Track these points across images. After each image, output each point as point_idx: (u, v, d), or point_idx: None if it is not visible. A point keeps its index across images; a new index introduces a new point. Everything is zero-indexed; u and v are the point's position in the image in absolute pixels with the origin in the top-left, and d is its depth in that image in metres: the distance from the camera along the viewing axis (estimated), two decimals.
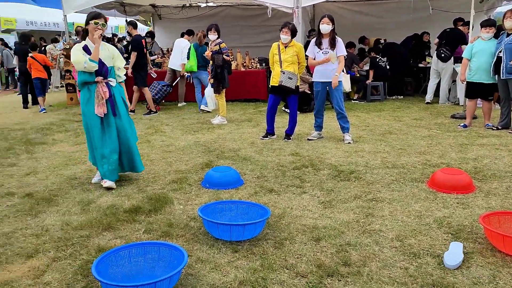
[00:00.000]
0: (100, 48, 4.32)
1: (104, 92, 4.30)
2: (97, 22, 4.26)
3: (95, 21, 4.26)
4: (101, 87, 4.31)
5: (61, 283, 2.67)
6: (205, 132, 7.07)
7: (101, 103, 4.28)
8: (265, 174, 4.77)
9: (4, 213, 3.80)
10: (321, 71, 6.04)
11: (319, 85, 6.11)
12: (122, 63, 4.59)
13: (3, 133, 7.17)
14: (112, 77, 4.44)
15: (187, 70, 8.97)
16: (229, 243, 3.14)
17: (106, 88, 4.33)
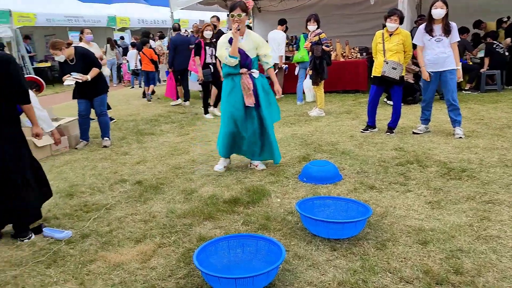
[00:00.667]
0: (243, 39, 4.35)
1: (249, 83, 4.38)
2: (232, 14, 4.24)
3: (230, 13, 4.27)
4: (245, 78, 4.38)
5: (165, 269, 2.80)
6: (302, 124, 6.99)
7: (249, 93, 4.38)
8: (365, 169, 4.56)
9: (117, 199, 4.11)
10: (433, 60, 5.57)
11: (431, 76, 5.65)
12: (268, 50, 4.53)
13: (118, 124, 7.81)
14: (255, 68, 4.47)
15: (297, 61, 8.91)
16: (327, 241, 3.05)
17: (250, 80, 4.40)
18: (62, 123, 6.32)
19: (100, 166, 5.24)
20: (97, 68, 5.93)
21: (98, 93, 6.10)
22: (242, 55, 4.38)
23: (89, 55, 5.93)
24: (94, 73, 5.86)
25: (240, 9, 4.22)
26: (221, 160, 4.79)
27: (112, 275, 2.76)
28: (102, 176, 4.84)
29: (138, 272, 2.78)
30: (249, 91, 4.38)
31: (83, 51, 5.92)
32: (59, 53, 5.68)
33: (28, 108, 3.37)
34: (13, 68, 3.21)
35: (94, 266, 2.88)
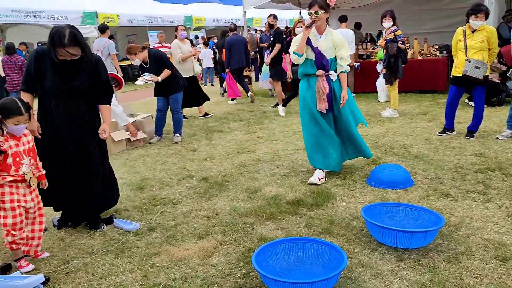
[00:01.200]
0: (321, 38, 4.09)
1: (324, 87, 4.11)
2: (310, 12, 4.01)
3: (308, 11, 4.06)
4: (321, 81, 4.12)
5: (225, 267, 2.81)
6: (374, 125, 6.73)
7: (322, 98, 4.12)
8: (440, 175, 4.28)
9: (184, 194, 4.22)
10: None
11: None
12: (346, 53, 4.16)
13: (190, 121, 8.04)
14: (333, 69, 4.19)
15: (380, 58, 8.69)
16: (394, 250, 2.88)
17: (327, 83, 4.13)
18: (138, 118, 6.62)
19: (170, 161, 5.42)
20: (169, 69, 6.15)
21: (172, 91, 6.35)
22: (317, 54, 4.11)
23: (161, 57, 6.18)
24: (165, 74, 6.12)
25: (318, 6, 3.96)
26: (316, 172, 4.33)
27: (174, 269, 2.82)
28: (171, 171, 5.00)
29: (198, 268, 2.81)
30: (323, 95, 4.12)
31: (156, 53, 6.20)
32: (134, 57, 6.01)
33: (106, 107, 3.47)
34: (102, 68, 3.35)
35: (157, 259, 2.96)
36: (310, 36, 4.09)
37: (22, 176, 2.81)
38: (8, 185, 2.78)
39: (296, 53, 4.08)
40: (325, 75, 4.14)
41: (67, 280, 2.76)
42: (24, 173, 2.81)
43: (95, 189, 3.42)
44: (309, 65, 4.16)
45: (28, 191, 2.89)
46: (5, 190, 2.77)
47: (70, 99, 3.25)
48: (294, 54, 4.10)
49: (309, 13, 4.01)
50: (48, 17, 12.88)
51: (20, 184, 2.84)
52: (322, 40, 4.09)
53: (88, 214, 3.52)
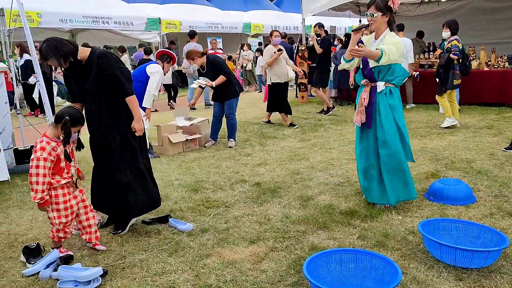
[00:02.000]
0: (375, 43, 3.67)
1: (363, 98, 3.72)
2: (366, 13, 3.66)
3: (366, 13, 3.68)
4: (363, 92, 3.75)
5: (276, 273, 2.81)
6: (434, 137, 6.47)
7: (360, 110, 3.74)
8: (505, 193, 4.03)
9: (236, 198, 4.27)
10: None
11: None
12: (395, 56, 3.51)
13: (244, 126, 8.13)
14: (385, 79, 3.67)
15: None
16: (452, 268, 2.75)
17: (366, 94, 3.71)
18: (195, 122, 6.80)
19: (224, 165, 5.51)
20: (224, 76, 6.27)
21: (227, 97, 6.46)
22: (363, 62, 3.76)
23: (218, 63, 6.34)
24: (219, 80, 6.25)
25: (375, 7, 3.56)
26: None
27: (225, 272, 2.86)
28: (225, 174, 5.08)
29: (249, 273, 2.83)
30: (361, 106, 3.72)
31: (213, 59, 6.36)
32: (192, 62, 6.23)
33: (130, 100, 3.34)
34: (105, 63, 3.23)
35: (209, 261, 3.01)
36: (366, 41, 3.77)
37: (71, 177, 3.02)
38: (61, 187, 2.99)
39: (344, 58, 3.79)
40: (370, 85, 3.73)
41: (123, 275, 2.88)
42: (72, 175, 3.03)
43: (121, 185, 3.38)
44: (359, 73, 3.87)
45: (76, 191, 3.12)
46: (58, 192, 3.01)
47: (91, 101, 3.36)
48: (342, 59, 3.83)
49: (366, 14, 3.69)
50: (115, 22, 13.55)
51: (70, 185, 3.04)
52: (375, 46, 3.66)
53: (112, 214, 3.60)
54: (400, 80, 3.70)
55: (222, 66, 6.33)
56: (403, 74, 3.70)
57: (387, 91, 3.67)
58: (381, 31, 3.66)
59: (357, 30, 3.67)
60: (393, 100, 3.67)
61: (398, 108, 3.70)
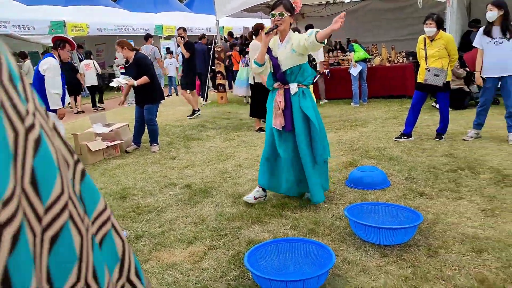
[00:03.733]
0: (282, 45, 3.64)
1: (279, 101, 3.67)
2: (273, 13, 3.54)
3: (271, 12, 3.58)
4: (278, 95, 3.70)
5: (217, 270, 2.88)
6: (348, 130, 6.94)
7: (278, 113, 3.69)
8: (414, 175, 4.48)
9: (168, 202, 4.25)
10: (492, 64, 5.38)
11: (490, 81, 5.49)
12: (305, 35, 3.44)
13: (166, 129, 8.04)
14: (297, 81, 3.67)
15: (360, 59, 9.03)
16: (377, 247, 3.03)
17: (282, 97, 3.67)
18: (114, 128, 6.59)
19: (150, 170, 5.43)
20: (148, 77, 6.13)
21: (147, 101, 6.29)
22: (275, 65, 3.68)
23: (145, 63, 6.18)
24: (142, 81, 6.10)
25: (284, 7, 3.52)
26: (256, 189, 4.04)
27: (165, 274, 2.87)
28: (152, 179, 5.02)
29: (190, 273, 2.87)
30: (278, 110, 3.68)
31: (141, 57, 6.23)
32: (120, 50, 6.09)
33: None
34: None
35: (148, 266, 3.00)
36: (272, 45, 3.72)
37: None
38: None
39: (256, 62, 3.68)
40: (283, 87, 3.70)
41: None
42: None
43: None
44: (270, 76, 3.80)
45: None
46: None
47: None
48: (254, 63, 3.70)
49: (273, 15, 3.54)
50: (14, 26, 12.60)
51: None
52: (282, 48, 3.63)
53: None
54: (309, 80, 3.75)
55: (148, 67, 6.19)
56: (311, 74, 3.77)
57: (300, 92, 3.68)
58: (286, 33, 3.66)
59: (269, 32, 3.60)
60: (306, 101, 3.69)
61: (313, 108, 3.74)
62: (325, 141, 3.82)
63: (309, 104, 3.68)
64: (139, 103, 6.40)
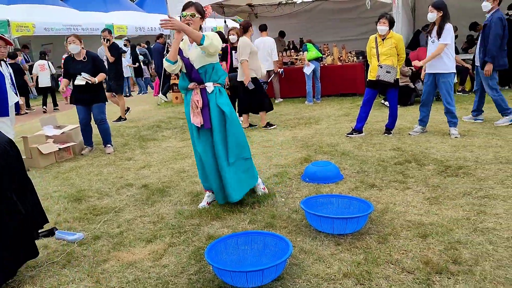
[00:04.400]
0: (192, 46, 3.65)
1: (196, 100, 3.67)
2: (184, 14, 3.55)
3: (182, 13, 3.56)
4: (194, 94, 3.68)
5: (177, 266, 2.92)
6: (302, 127, 7.13)
7: (196, 112, 3.69)
8: (365, 169, 4.70)
9: (125, 202, 4.23)
10: (430, 62, 5.75)
11: (427, 76, 5.85)
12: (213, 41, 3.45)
13: (120, 130, 7.92)
14: (212, 80, 3.71)
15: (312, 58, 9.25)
16: (331, 236, 3.17)
17: (199, 96, 3.67)
18: (66, 130, 6.43)
19: (105, 171, 5.36)
20: (105, 74, 6.13)
21: (98, 100, 6.14)
22: (187, 66, 3.68)
23: (101, 60, 6.21)
24: (101, 78, 6.05)
25: (195, 9, 3.58)
26: (206, 194, 4.02)
27: (126, 273, 2.88)
28: (108, 181, 4.95)
29: (151, 270, 2.89)
30: (196, 109, 3.67)
31: (95, 55, 6.18)
32: (78, 43, 5.87)
33: None
34: None
35: (107, 265, 2.99)
36: (182, 46, 3.69)
37: None
38: None
39: (168, 60, 3.64)
40: (198, 87, 3.70)
41: None
42: None
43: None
44: (183, 77, 3.78)
45: None
46: None
47: None
48: (165, 60, 3.66)
49: (183, 15, 3.56)
50: None
51: None
52: (193, 49, 3.65)
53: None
54: (223, 79, 3.79)
55: (103, 65, 6.18)
56: (224, 74, 3.80)
57: (217, 91, 3.72)
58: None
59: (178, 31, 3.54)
60: (222, 98, 3.74)
61: (229, 106, 3.78)
62: (243, 139, 3.84)
63: (226, 101, 3.76)
64: (84, 103, 6.13)
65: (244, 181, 3.87)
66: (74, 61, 6.03)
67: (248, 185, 3.93)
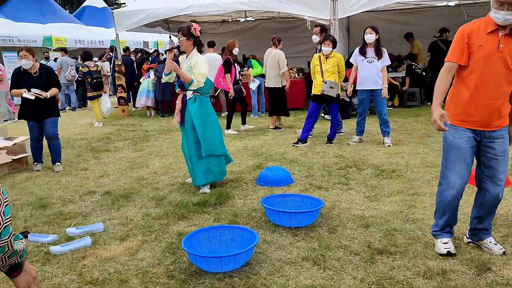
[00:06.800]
0: (186, 60, 4.65)
1: (177, 103, 4.71)
2: (178, 37, 4.65)
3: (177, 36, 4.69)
4: (178, 98, 4.74)
5: (153, 259, 3.22)
6: (251, 138, 7.60)
7: (176, 112, 4.72)
8: (312, 173, 5.23)
9: (91, 207, 4.42)
10: (365, 78, 6.45)
11: (364, 93, 6.54)
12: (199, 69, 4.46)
13: (69, 142, 7.93)
14: (193, 88, 4.56)
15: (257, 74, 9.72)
16: (288, 229, 3.62)
17: (180, 100, 4.70)
18: (18, 141, 6.41)
19: (64, 180, 5.46)
20: (58, 89, 5.90)
21: (51, 114, 5.91)
22: (177, 76, 4.63)
23: (54, 73, 6.02)
24: (53, 92, 5.78)
25: (181, 33, 4.56)
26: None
27: (106, 266, 3.13)
28: (69, 189, 5.08)
29: (129, 263, 3.16)
30: (176, 109, 4.69)
31: (49, 67, 5.99)
32: (31, 58, 5.59)
33: None
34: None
35: (87, 261, 3.22)
36: (180, 59, 4.82)
37: None
38: None
39: (164, 73, 4.70)
40: (182, 93, 4.67)
41: None
42: None
43: None
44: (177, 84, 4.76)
45: None
46: None
47: None
48: (163, 74, 4.73)
49: (178, 38, 4.65)
50: None
51: None
52: (184, 64, 4.65)
53: None
54: (205, 89, 4.67)
55: (57, 79, 6.01)
56: (209, 85, 4.72)
57: (194, 98, 4.60)
58: (189, 51, 4.65)
59: (170, 50, 4.69)
60: (194, 105, 4.59)
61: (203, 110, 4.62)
62: (212, 138, 4.67)
63: (196, 107, 4.60)
64: (36, 119, 5.86)
65: (211, 173, 4.73)
66: (25, 73, 5.73)
67: (214, 177, 4.80)
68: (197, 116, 4.59)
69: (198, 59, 4.55)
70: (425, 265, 2.95)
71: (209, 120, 4.70)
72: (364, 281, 2.78)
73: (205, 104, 4.68)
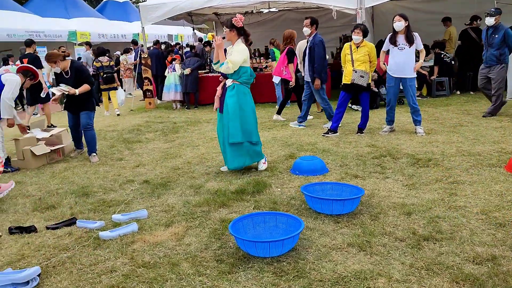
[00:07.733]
0: (230, 50, 4.94)
1: (218, 90, 5.04)
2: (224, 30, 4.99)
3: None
4: (220, 85, 5.07)
5: (200, 243, 3.29)
6: (279, 129, 7.62)
7: (216, 98, 5.06)
8: (346, 163, 5.23)
9: (132, 195, 4.52)
10: (395, 66, 6.39)
11: (392, 80, 6.48)
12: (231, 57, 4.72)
13: (101, 134, 8.08)
14: (233, 77, 4.86)
15: None
16: (330, 216, 3.65)
17: (220, 87, 5.03)
18: (54, 132, 6.57)
19: (101, 170, 5.59)
20: (89, 85, 6.02)
21: (84, 108, 6.10)
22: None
23: (84, 70, 6.11)
24: (83, 89, 5.91)
25: (225, 25, 4.92)
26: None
27: (155, 251, 3.21)
28: (107, 178, 5.20)
29: (177, 248, 3.24)
30: (216, 96, 5.02)
31: (80, 66, 6.14)
32: (54, 65, 5.91)
33: None
34: None
35: (136, 246, 3.31)
36: (228, 48, 5.05)
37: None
38: None
39: (215, 62, 5.00)
40: (223, 80, 5.05)
41: (57, 272, 2.98)
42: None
43: None
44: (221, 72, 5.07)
45: None
46: None
47: None
48: (214, 64, 5.02)
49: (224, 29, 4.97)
50: None
51: None
52: (230, 50, 4.97)
53: None
54: (244, 79, 4.89)
55: (87, 75, 6.11)
56: (246, 73, 4.89)
57: (232, 86, 4.86)
58: (234, 41, 4.93)
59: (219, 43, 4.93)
60: (232, 92, 4.85)
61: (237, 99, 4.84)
62: (248, 127, 4.93)
63: (232, 95, 4.85)
64: (73, 111, 6.22)
65: (243, 157, 4.98)
66: (60, 75, 6.07)
67: (244, 162, 5.02)
68: (230, 104, 4.85)
69: (236, 48, 4.84)
70: (474, 251, 2.94)
71: (243, 109, 4.89)
72: (413, 266, 2.79)
73: (242, 93, 4.87)
